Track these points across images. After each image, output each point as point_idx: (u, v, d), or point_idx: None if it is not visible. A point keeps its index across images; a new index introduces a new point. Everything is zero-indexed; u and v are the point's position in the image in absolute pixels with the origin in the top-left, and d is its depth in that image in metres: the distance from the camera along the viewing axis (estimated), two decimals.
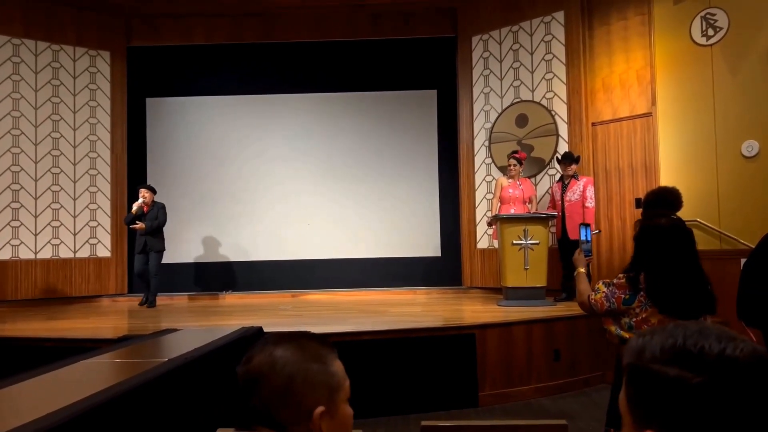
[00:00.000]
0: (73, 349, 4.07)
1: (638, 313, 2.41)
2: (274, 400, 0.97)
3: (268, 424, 0.96)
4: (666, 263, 2.33)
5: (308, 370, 0.99)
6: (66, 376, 2.76)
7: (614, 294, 2.47)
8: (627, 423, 0.79)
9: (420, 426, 1.54)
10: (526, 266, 6.12)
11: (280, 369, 0.97)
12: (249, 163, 8.34)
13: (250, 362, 1.00)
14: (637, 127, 6.77)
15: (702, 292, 2.36)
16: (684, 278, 2.33)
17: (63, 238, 7.65)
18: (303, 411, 0.97)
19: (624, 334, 2.44)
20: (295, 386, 0.97)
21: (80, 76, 7.88)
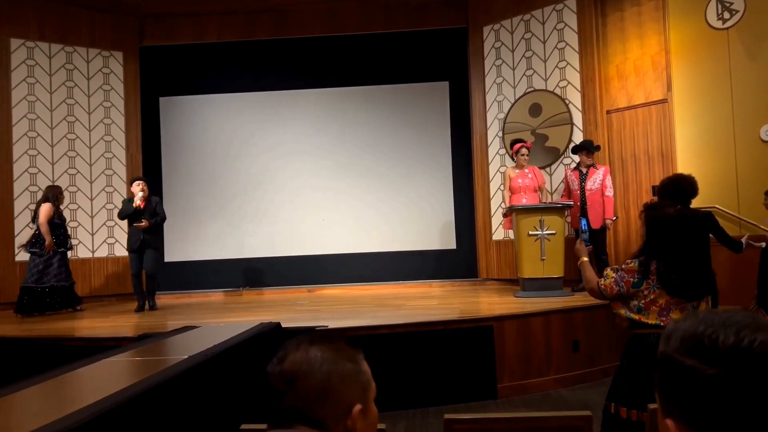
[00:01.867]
0: (95, 348, 4.12)
1: (646, 294, 2.52)
2: (312, 398, 0.98)
3: (305, 422, 0.97)
4: (676, 251, 2.48)
5: (344, 368, 1.02)
6: (88, 374, 2.80)
7: (623, 278, 2.57)
8: (658, 405, 0.80)
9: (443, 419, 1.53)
10: (543, 257, 6.08)
11: (318, 368, 0.99)
12: (262, 160, 8.36)
13: (283, 362, 1.01)
14: (653, 114, 6.69)
15: (708, 276, 2.54)
16: (692, 264, 2.48)
17: (81, 238, 7.74)
18: (340, 409, 1.00)
19: (634, 316, 2.55)
20: (333, 384, 1.00)
21: (94, 77, 7.94)
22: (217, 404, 3.00)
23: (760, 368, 0.68)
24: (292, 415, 0.97)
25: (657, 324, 2.49)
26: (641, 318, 2.53)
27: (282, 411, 0.98)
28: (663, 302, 2.50)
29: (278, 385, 0.99)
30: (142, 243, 6.46)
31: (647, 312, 2.52)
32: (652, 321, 2.51)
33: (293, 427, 0.97)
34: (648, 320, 2.51)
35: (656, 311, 2.51)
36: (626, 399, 2.55)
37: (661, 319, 2.51)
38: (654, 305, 2.51)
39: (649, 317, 2.52)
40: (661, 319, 2.51)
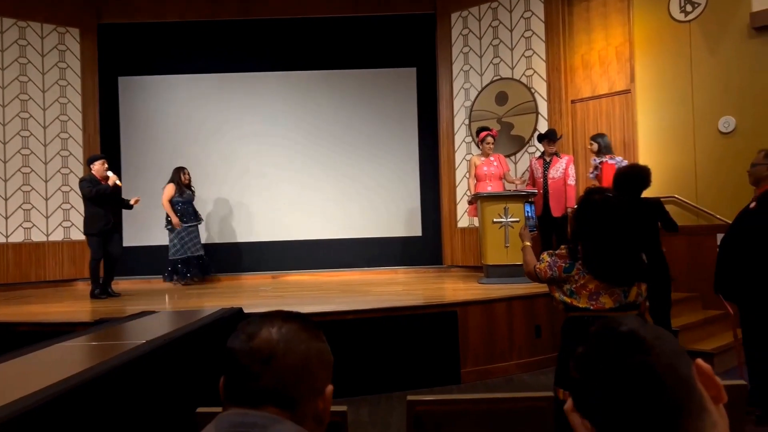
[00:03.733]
0: (48, 333, 3.98)
1: (577, 279, 2.60)
2: (288, 377, 0.93)
3: (277, 403, 0.92)
4: (598, 234, 2.55)
5: (319, 347, 0.99)
6: (41, 359, 2.69)
7: (556, 263, 2.66)
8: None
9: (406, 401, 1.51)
10: (507, 244, 6.13)
11: (295, 347, 0.95)
12: (226, 144, 8.19)
13: (254, 338, 0.95)
14: (616, 104, 6.79)
15: (633, 261, 2.58)
16: (615, 248, 2.54)
17: (35, 221, 7.47)
18: (314, 389, 0.96)
19: (566, 299, 2.63)
20: (310, 364, 0.96)
21: (49, 54, 7.64)
22: (175, 388, 2.92)
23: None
24: (264, 396, 0.92)
25: (587, 307, 2.58)
26: (573, 301, 2.61)
27: (253, 391, 0.92)
28: (593, 287, 2.58)
29: (250, 364, 0.93)
30: (113, 226, 6.17)
31: (578, 296, 2.60)
32: (583, 305, 2.59)
33: (263, 408, 0.91)
34: (579, 304, 2.59)
35: (586, 295, 2.59)
36: (562, 381, 2.64)
37: (591, 302, 2.58)
38: (584, 289, 2.59)
39: (580, 301, 2.59)
40: (591, 303, 2.58)
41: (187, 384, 3.08)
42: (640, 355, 0.70)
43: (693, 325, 5.35)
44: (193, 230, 7.32)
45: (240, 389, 0.93)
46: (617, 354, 0.71)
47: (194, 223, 7.35)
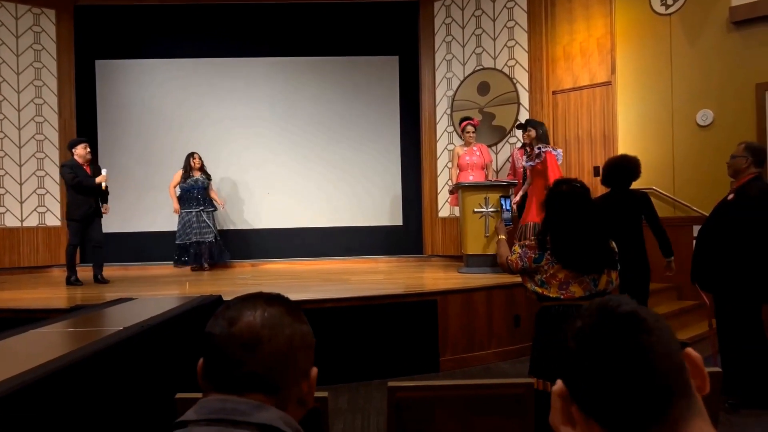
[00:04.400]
0: (22, 320, 3.91)
1: (547, 269, 2.64)
2: (273, 363, 0.91)
3: (261, 389, 0.90)
4: (565, 224, 2.59)
5: (303, 330, 0.97)
6: (15, 345, 2.64)
7: (526, 254, 2.70)
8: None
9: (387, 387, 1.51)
10: (487, 233, 6.16)
11: (279, 332, 0.92)
12: (205, 130, 8.09)
13: (236, 323, 0.92)
14: (597, 95, 6.83)
15: (601, 250, 2.61)
16: (581, 237, 2.58)
17: (9, 206, 7.32)
18: (299, 373, 0.94)
19: (538, 289, 2.68)
20: (295, 348, 0.94)
21: (23, 36, 7.45)
22: (152, 375, 2.89)
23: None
24: (247, 382, 0.90)
25: (558, 297, 2.62)
26: (544, 291, 2.65)
27: (235, 378, 0.90)
28: (562, 276, 2.61)
29: (233, 351, 0.90)
30: (94, 210, 6.02)
31: (549, 286, 2.64)
32: (554, 294, 2.63)
33: (246, 394, 0.89)
34: (550, 293, 2.63)
35: (557, 285, 2.63)
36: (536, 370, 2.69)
37: (561, 292, 2.62)
38: (554, 279, 2.63)
39: (551, 291, 2.63)
40: (562, 292, 2.62)
41: (165, 371, 3.05)
42: (641, 335, 0.70)
43: (669, 315, 5.43)
44: (195, 216, 7.27)
45: (221, 375, 0.91)
46: (619, 332, 0.71)
47: (196, 209, 7.27)
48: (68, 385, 2.11)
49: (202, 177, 7.39)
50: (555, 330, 2.61)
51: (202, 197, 7.33)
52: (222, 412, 0.87)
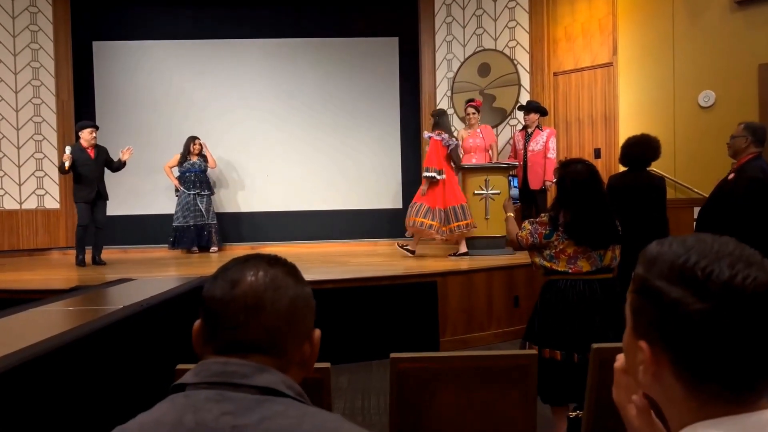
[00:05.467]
0: (22, 300, 3.90)
1: (556, 245, 2.75)
2: (277, 325, 0.89)
3: (264, 351, 0.88)
4: (582, 203, 2.70)
5: (305, 292, 0.95)
6: (15, 323, 2.64)
7: (537, 230, 2.80)
8: (628, 327, 0.79)
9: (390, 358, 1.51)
10: (487, 216, 6.15)
11: (282, 294, 0.91)
12: (203, 112, 8.04)
13: (238, 286, 0.89)
14: (598, 77, 6.78)
15: (610, 226, 2.75)
16: (596, 215, 2.71)
17: (7, 189, 7.29)
18: (302, 335, 0.93)
19: (546, 263, 2.80)
20: (298, 310, 0.92)
21: (19, 16, 7.37)
22: (153, 351, 2.89)
23: (749, 307, 0.67)
24: (249, 345, 0.88)
25: (566, 271, 2.75)
26: (552, 265, 2.77)
27: (238, 341, 0.88)
28: (571, 251, 2.73)
29: (236, 314, 0.88)
30: (98, 193, 6.12)
31: (557, 260, 2.76)
32: (562, 268, 2.75)
33: (251, 356, 0.88)
34: (558, 268, 2.75)
35: (565, 259, 2.75)
36: (539, 339, 2.80)
37: (569, 266, 2.75)
38: (563, 254, 2.74)
39: (559, 265, 2.75)
40: (570, 266, 2.74)
41: (165, 347, 3.05)
42: None
43: None
44: (192, 199, 7.30)
45: (222, 338, 0.89)
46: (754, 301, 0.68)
47: (192, 192, 7.30)
48: (71, 361, 2.11)
49: (200, 161, 7.38)
50: (560, 302, 2.76)
51: (198, 181, 7.33)
52: (223, 375, 0.85)
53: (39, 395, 1.89)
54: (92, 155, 6.10)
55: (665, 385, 0.72)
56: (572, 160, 2.89)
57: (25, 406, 1.80)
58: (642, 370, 0.74)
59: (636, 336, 0.76)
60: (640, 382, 0.76)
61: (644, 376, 0.74)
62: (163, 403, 0.87)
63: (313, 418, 0.83)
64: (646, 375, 0.73)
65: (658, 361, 0.72)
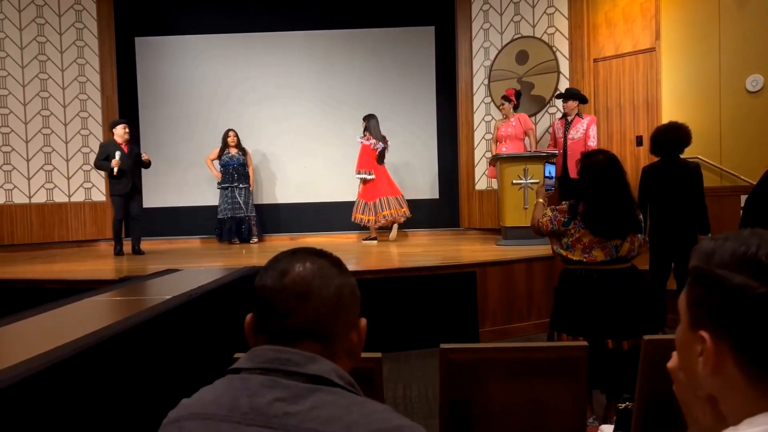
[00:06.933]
0: (74, 291, 4.05)
1: (573, 233, 2.81)
2: (325, 312, 0.93)
3: (313, 337, 0.92)
4: (602, 195, 2.74)
5: (350, 281, 0.99)
6: (70, 313, 2.75)
7: (556, 218, 2.86)
8: (683, 322, 0.79)
9: (439, 348, 1.53)
10: (526, 205, 6.10)
11: (329, 282, 0.95)
12: (242, 104, 8.15)
13: (287, 275, 0.94)
14: (640, 62, 6.63)
15: (627, 216, 2.78)
16: (615, 206, 2.75)
17: (57, 182, 7.55)
18: (348, 323, 0.97)
19: (562, 252, 2.86)
20: (344, 298, 0.96)
21: (66, 14, 7.59)
22: (201, 339, 2.98)
23: None
24: (300, 332, 0.92)
25: (580, 260, 2.80)
26: (568, 254, 2.82)
27: (289, 328, 0.92)
28: (587, 241, 2.78)
29: (286, 301, 0.92)
30: (132, 187, 6.42)
31: (573, 249, 2.81)
32: (577, 257, 2.80)
33: (301, 343, 0.92)
34: (573, 257, 2.81)
35: (580, 249, 2.79)
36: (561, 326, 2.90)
37: (584, 255, 2.79)
38: (579, 243, 2.79)
39: (574, 254, 2.80)
40: (585, 255, 2.79)
41: (212, 336, 3.14)
42: None
43: None
44: (231, 192, 7.44)
45: (274, 326, 0.93)
46: None
47: (231, 185, 7.43)
48: (121, 352, 2.19)
49: (238, 154, 7.49)
50: (575, 291, 2.82)
51: (237, 174, 7.44)
52: (276, 362, 0.89)
53: (100, 381, 1.97)
54: (126, 150, 6.39)
55: (726, 375, 0.72)
56: (594, 151, 2.96)
57: (88, 392, 1.89)
58: (702, 362, 0.74)
59: (694, 328, 0.76)
60: (699, 376, 0.76)
61: (704, 368, 0.73)
62: (221, 382, 0.92)
63: (361, 408, 0.86)
64: (707, 367, 0.73)
65: (720, 351, 0.72)
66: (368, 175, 6.98)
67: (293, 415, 0.83)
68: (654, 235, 4.22)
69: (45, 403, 1.67)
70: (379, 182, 7.02)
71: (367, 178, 6.98)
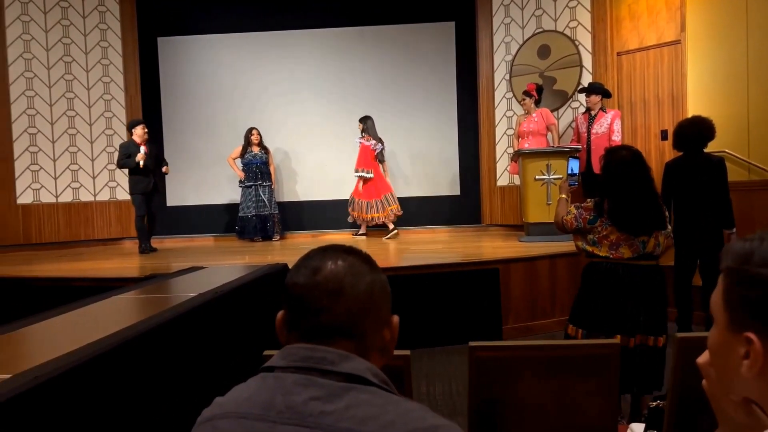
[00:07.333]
0: (102, 288, 4.12)
1: (600, 230, 2.82)
2: (357, 309, 0.93)
3: (346, 335, 0.92)
4: (627, 191, 2.74)
5: (381, 278, 0.98)
6: (97, 311, 2.79)
7: (581, 215, 2.87)
8: (721, 324, 0.77)
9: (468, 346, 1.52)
10: (549, 201, 6.05)
11: (361, 279, 0.94)
12: (262, 102, 8.19)
13: (319, 273, 0.94)
14: (665, 55, 6.52)
15: (653, 213, 2.78)
16: (640, 202, 2.75)
17: (83, 182, 7.67)
18: (380, 320, 0.96)
19: (588, 248, 2.88)
20: (376, 295, 0.96)
21: (90, 15, 7.70)
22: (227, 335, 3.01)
23: None
24: (332, 330, 0.91)
25: (607, 256, 2.81)
26: (594, 250, 2.84)
27: (321, 325, 0.92)
28: (614, 238, 2.80)
29: (319, 298, 0.92)
30: (153, 185, 6.61)
31: (600, 245, 2.83)
32: (603, 253, 2.82)
33: (334, 341, 0.91)
34: (600, 252, 2.83)
35: (607, 245, 2.81)
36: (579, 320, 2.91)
37: (611, 252, 2.81)
38: (606, 240, 2.81)
39: (601, 250, 2.82)
40: (611, 252, 2.81)
41: (238, 332, 3.16)
42: None
43: None
44: (254, 190, 7.49)
45: (306, 323, 0.93)
46: None
47: (255, 183, 7.49)
48: (149, 349, 2.22)
49: (261, 152, 7.54)
50: (599, 285, 2.83)
51: (260, 172, 7.49)
52: (310, 360, 0.89)
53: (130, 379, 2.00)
54: (146, 150, 6.53)
55: None
56: (618, 147, 2.94)
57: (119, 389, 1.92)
58: (748, 364, 0.72)
59: (735, 330, 0.74)
60: (739, 378, 0.74)
61: (750, 369, 0.71)
62: (254, 380, 0.92)
63: (397, 406, 0.85)
64: (753, 368, 0.71)
65: (766, 352, 0.70)
66: (368, 174, 7.31)
67: (329, 414, 0.83)
68: (678, 232, 4.16)
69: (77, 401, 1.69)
70: (378, 181, 7.36)
71: (366, 176, 7.31)
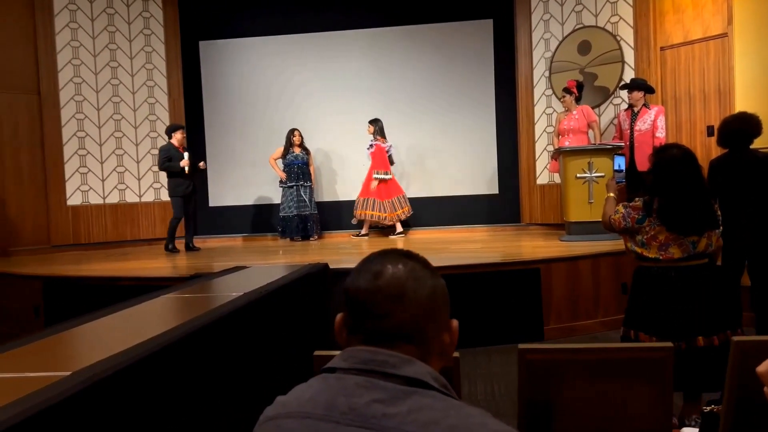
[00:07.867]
0: (148, 288, 4.23)
1: (648, 231, 2.75)
2: (419, 313, 0.93)
3: (407, 339, 0.92)
4: (677, 190, 2.67)
5: (441, 283, 0.98)
6: (147, 310, 2.87)
7: (630, 215, 2.80)
8: None
9: (517, 349, 1.52)
10: (591, 200, 5.95)
11: (422, 283, 0.95)
12: (302, 104, 8.28)
13: (380, 277, 0.94)
14: (711, 49, 6.35)
15: (704, 212, 2.70)
16: (691, 202, 2.67)
17: (129, 183, 7.90)
18: (440, 324, 0.96)
19: (637, 249, 2.81)
20: (437, 299, 0.96)
21: (134, 22, 7.91)
22: (274, 334, 3.06)
23: None
24: (394, 334, 0.92)
25: (656, 258, 2.75)
26: (643, 252, 2.77)
27: (383, 330, 0.92)
28: (663, 238, 2.73)
29: (381, 303, 0.92)
30: (193, 188, 6.80)
31: (649, 246, 2.76)
32: (652, 255, 2.75)
33: (395, 345, 0.91)
34: (649, 254, 2.76)
35: (656, 246, 2.75)
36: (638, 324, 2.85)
37: (660, 253, 2.74)
38: (655, 240, 2.74)
39: (650, 251, 2.75)
40: (660, 253, 2.74)
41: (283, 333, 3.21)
42: None
43: None
44: (295, 191, 7.59)
45: (369, 328, 0.93)
46: None
47: (296, 183, 7.58)
48: (199, 347, 2.27)
49: (302, 153, 7.63)
50: (651, 290, 2.76)
51: (301, 173, 7.58)
52: (372, 363, 0.89)
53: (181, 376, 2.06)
54: (189, 155, 6.75)
55: None
56: (668, 145, 2.87)
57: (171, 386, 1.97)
58: None
59: None
60: None
61: None
62: (316, 380, 0.93)
63: (458, 411, 0.85)
64: None
65: None
66: (387, 176, 7.44)
67: (391, 417, 0.83)
68: (725, 231, 4.04)
69: (131, 400, 1.75)
70: (391, 182, 7.53)
71: (386, 178, 7.43)
